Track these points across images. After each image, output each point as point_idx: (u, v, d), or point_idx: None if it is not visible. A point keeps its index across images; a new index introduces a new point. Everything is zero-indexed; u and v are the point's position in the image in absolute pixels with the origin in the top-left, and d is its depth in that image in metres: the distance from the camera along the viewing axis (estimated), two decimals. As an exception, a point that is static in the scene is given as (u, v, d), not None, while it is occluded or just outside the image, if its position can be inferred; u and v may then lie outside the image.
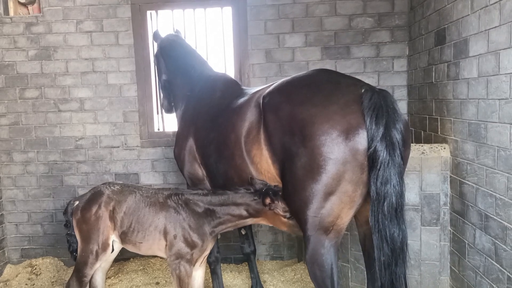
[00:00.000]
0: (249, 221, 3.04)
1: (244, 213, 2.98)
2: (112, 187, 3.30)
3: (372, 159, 2.39)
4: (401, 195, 2.44)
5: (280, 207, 2.84)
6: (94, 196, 3.26)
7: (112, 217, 3.17)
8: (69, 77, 5.15)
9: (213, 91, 3.67)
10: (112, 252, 3.30)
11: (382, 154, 2.36)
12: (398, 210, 2.44)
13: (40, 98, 5.18)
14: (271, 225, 3.00)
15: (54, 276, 4.96)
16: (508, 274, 2.79)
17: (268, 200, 2.82)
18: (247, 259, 4.18)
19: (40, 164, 5.24)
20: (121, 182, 3.48)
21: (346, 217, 2.53)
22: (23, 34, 5.10)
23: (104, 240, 3.18)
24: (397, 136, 2.41)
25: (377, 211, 2.43)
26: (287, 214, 2.83)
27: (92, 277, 3.37)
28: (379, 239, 2.45)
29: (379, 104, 2.41)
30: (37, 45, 5.11)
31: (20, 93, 5.17)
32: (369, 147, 2.39)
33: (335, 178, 2.42)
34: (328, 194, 2.45)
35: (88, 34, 5.09)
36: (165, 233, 3.07)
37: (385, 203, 2.40)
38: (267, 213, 2.90)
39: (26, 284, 4.77)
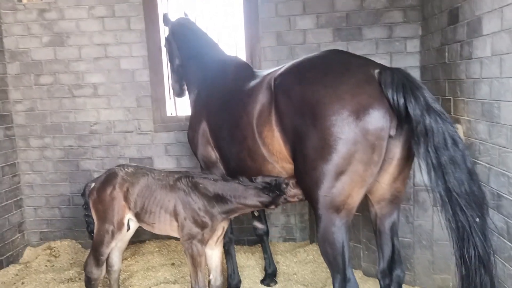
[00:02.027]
0: (262, 208, 3.11)
1: (257, 204, 3.03)
2: (126, 169, 3.38)
3: (425, 131, 2.33)
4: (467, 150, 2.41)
5: (292, 197, 2.90)
6: (109, 177, 3.35)
7: (126, 198, 3.25)
8: (82, 63, 5.21)
9: (225, 74, 3.69)
10: (128, 230, 3.39)
11: (437, 121, 2.33)
12: (474, 166, 2.41)
13: (54, 84, 5.25)
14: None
15: (72, 258, 5.09)
16: (520, 252, 2.80)
17: (281, 201, 2.92)
18: (260, 240, 4.24)
19: (56, 149, 5.35)
20: (134, 164, 3.55)
21: (357, 197, 2.55)
22: (36, 21, 5.15)
23: (119, 219, 3.27)
24: (437, 104, 2.40)
25: (457, 175, 2.31)
26: (302, 198, 2.89)
27: (109, 256, 3.47)
28: (468, 202, 2.32)
29: (404, 80, 2.42)
30: (50, 31, 5.16)
31: (35, 80, 5.26)
32: (417, 122, 2.34)
33: (345, 158, 2.44)
34: (339, 174, 2.47)
35: (100, 20, 5.13)
36: (176, 215, 3.14)
37: (467, 162, 2.33)
38: (284, 202, 2.98)
39: (46, 266, 4.92)
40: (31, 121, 5.32)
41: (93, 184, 3.42)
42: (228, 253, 3.99)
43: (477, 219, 2.33)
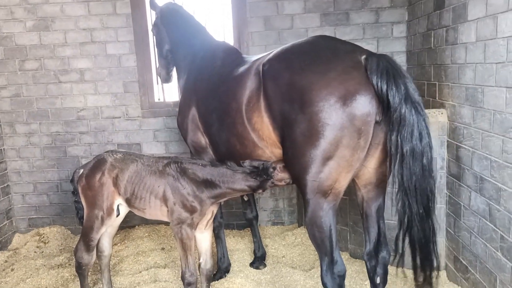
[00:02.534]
0: (251, 192, 3.14)
1: (246, 188, 3.07)
2: (114, 155, 3.38)
3: (398, 120, 2.44)
4: (432, 148, 2.54)
5: (279, 181, 2.95)
6: (98, 163, 3.36)
7: (116, 184, 3.27)
8: (68, 48, 5.14)
9: (214, 59, 3.69)
10: (118, 216, 3.41)
11: (411, 112, 2.43)
12: (432, 163, 2.55)
13: (40, 69, 5.18)
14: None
15: (61, 244, 5.11)
16: (501, 233, 2.89)
17: (268, 185, 2.97)
18: (250, 224, 4.30)
19: (43, 136, 5.31)
20: (123, 150, 3.55)
21: (344, 181, 2.61)
22: (20, 5, 5.06)
23: (109, 205, 3.29)
24: (417, 94, 2.50)
25: (413, 168, 2.48)
26: (289, 182, 2.93)
27: (99, 242, 3.50)
28: (417, 194, 2.52)
29: (390, 67, 2.47)
30: (35, 15, 5.08)
31: (20, 65, 5.18)
32: (394, 109, 2.43)
33: (332, 143, 2.49)
34: (326, 159, 2.52)
35: (85, 4, 5.05)
36: (165, 200, 3.17)
37: (424, 158, 2.49)
38: (272, 186, 3.02)
39: (35, 252, 4.93)
40: (16, 107, 5.26)
41: (81, 171, 3.42)
42: (218, 237, 4.04)
43: (421, 212, 2.55)
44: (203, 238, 3.43)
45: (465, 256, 3.46)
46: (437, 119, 3.71)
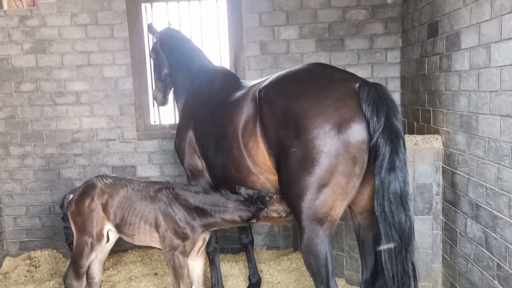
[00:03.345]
0: (243, 224, 3.10)
1: (237, 219, 3.03)
2: (104, 180, 3.35)
3: (375, 150, 2.47)
4: (405, 182, 2.52)
5: (273, 212, 2.91)
6: (87, 189, 3.32)
7: (105, 209, 3.23)
8: (64, 71, 5.16)
9: (212, 84, 3.72)
10: (107, 242, 3.36)
11: (386, 144, 2.45)
12: (403, 197, 2.52)
13: (36, 91, 5.19)
14: (269, 224, 3.06)
15: (53, 268, 5.02)
16: (498, 261, 2.88)
17: (262, 215, 2.92)
18: (245, 249, 4.25)
19: (37, 158, 5.27)
20: (113, 175, 3.53)
21: (339, 208, 2.60)
22: (18, 28, 5.09)
23: (98, 231, 3.24)
24: (399, 125, 2.52)
25: (382, 199, 2.50)
26: (283, 215, 2.91)
27: (89, 268, 3.44)
28: (387, 227, 2.52)
29: (377, 97, 2.48)
30: (32, 38, 5.11)
31: (15, 87, 5.18)
32: (371, 139, 2.47)
33: (328, 171, 2.49)
34: (322, 186, 2.52)
35: (83, 27, 5.09)
36: (156, 226, 3.14)
37: (390, 191, 2.49)
38: (266, 219, 2.98)
39: (26, 276, 4.83)
40: (11, 129, 5.24)
41: (71, 196, 3.38)
42: (212, 263, 3.99)
43: (394, 246, 2.55)
44: (196, 265, 3.38)
45: (462, 283, 3.42)
46: (432, 145, 3.72)
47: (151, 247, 5.18)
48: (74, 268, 3.32)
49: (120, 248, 5.12)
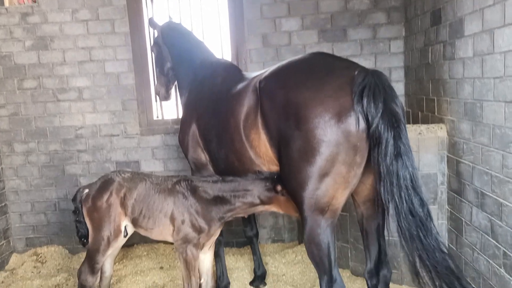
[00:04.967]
0: (260, 207, 3.06)
1: (256, 200, 3.00)
2: (122, 175, 3.33)
3: (375, 137, 2.39)
4: (413, 166, 2.42)
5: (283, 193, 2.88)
6: (105, 184, 3.28)
7: (123, 204, 3.20)
8: (66, 67, 5.16)
9: (214, 77, 3.70)
10: (125, 237, 3.34)
11: (387, 129, 2.36)
12: (413, 181, 2.42)
13: (38, 88, 5.19)
14: (282, 212, 3.01)
15: (59, 264, 5.04)
16: (504, 249, 2.85)
17: (279, 187, 2.85)
18: (250, 242, 4.25)
19: (41, 154, 5.29)
20: (130, 170, 3.49)
21: (341, 198, 2.57)
22: (19, 25, 5.09)
23: (116, 227, 3.22)
24: (398, 110, 2.44)
25: (391, 186, 2.39)
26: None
27: None
28: (401, 214, 2.39)
29: (374, 83, 2.42)
30: (34, 35, 5.10)
31: (18, 84, 5.19)
32: (370, 126, 2.39)
33: (329, 160, 2.46)
34: (323, 175, 2.49)
35: (84, 23, 5.08)
36: (172, 219, 3.11)
37: (401, 177, 2.38)
38: (279, 199, 2.93)
39: (32, 272, 4.86)
40: (15, 126, 5.25)
41: (86, 190, 3.34)
42: (217, 255, 3.98)
43: (415, 233, 2.39)
44: (205, 258, 3.38)
45: (468, 273, 3.39)
46: (436, 134, 3.68)
47: (157, 242, 5.19)
48: (89, 264, 3.30)
49: (126, 243, 5.11)
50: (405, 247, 2.44)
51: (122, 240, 3.38)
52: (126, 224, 3.28)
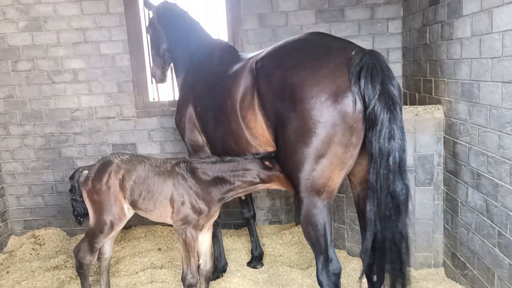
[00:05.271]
0: (261, 186, 3.06)
1: (256, 179, 3.00)
2: (121, 157, 3.32)
3: (372, 118, 2.39)
4: (404, 150, 2.45)
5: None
6: (104, 165, 3.27)
7: (122, 186, 3.20)
8: (61, 48, 5.10)
9: (211, 58, 3.66)
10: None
11: (383, 111, 2.37)
12: (401, 165, 2.45)
13: (33, 70, 5.14)
14: (284, 188, 3.02)
15: (57, 246, 5.07)
16: (499, 229, 2.87)
17: (267, 162, 2.86)
18: (247, 223, 4.27)
19: (37, 137, 5.26)
20: (129, 152, 3.47)
21: (337, 179, 2.57)
22: (12, 5, 5.01)
23: (119, 210, 3.22)
24: (395, 92, 2.43)
25: (379, 167, 2.42)
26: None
27: None
28: (382, 196, 2.45)
29: (371, 64, 2.40)
30: (27, 16, 5.03)
31: (12, 66, 5.13)
32: (367, 107, 2.38)
33: (325, 141, 2.45)
34: (319, 156, 2.49)
35: (78, 3, 5.00)
36: (172, 200, 3.12)
37: (390, 159, 2.41)
38: (279, 177, 2.92)
39: (31, 254, 4.89)
40: (10, 109, 5.21)
41: (85, 172, 3.33)
42: (215, 237, 4.01)
43: (388, 214, 2.47)
44: (204, 239, 3.39)
45: (463, 252, 3.43)
46: (433, 115, 3.68)
47: (155, 224, 5.22)
48: (89, 243, 3.31)
49: (124, 225, 5.14)
50: (374, 224, 2.51)
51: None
52: (127, 206, 3.29)
